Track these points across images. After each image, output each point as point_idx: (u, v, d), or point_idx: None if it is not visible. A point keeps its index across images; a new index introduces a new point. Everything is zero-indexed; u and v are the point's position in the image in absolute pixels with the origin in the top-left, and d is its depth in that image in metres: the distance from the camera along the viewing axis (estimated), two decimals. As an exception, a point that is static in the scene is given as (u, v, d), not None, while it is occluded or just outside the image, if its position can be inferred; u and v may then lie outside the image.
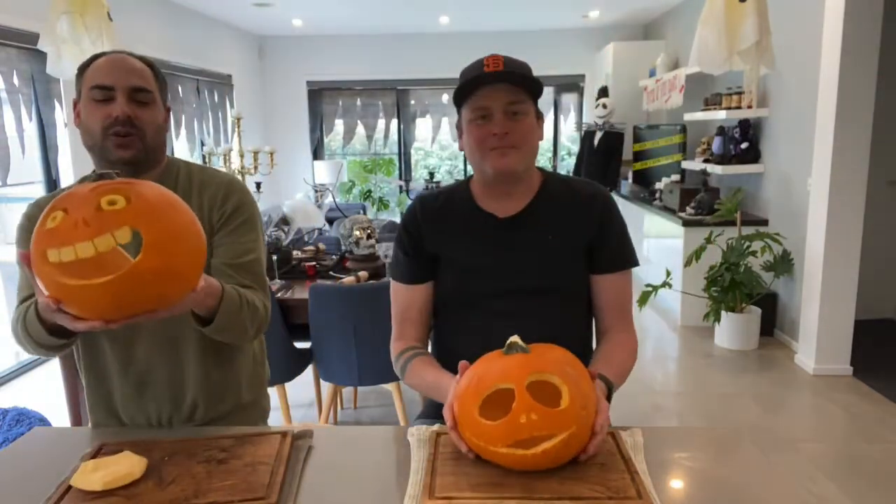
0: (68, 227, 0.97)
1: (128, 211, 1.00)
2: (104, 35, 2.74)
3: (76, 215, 0.97)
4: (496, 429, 0.93)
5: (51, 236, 0.97)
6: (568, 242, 1.34)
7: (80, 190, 1.01)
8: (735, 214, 3.85)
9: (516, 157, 1.26)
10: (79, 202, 0.99)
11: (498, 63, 1.25)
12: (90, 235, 0.96)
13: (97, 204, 0.99)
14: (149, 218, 1.01)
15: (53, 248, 0.96)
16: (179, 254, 1.02)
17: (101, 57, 1.26)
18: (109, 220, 0.97)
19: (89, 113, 1.24)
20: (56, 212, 0.99)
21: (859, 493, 2.32)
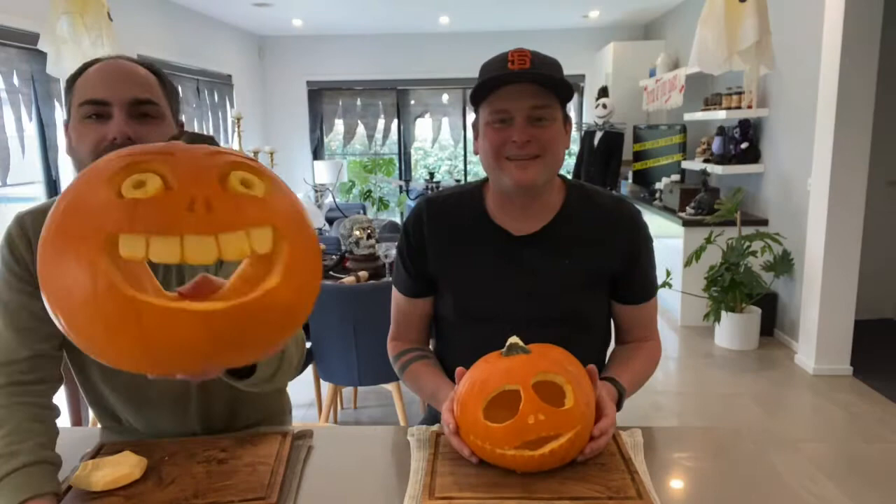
0: (173, 204, 0.65)
1: (270, 203, 0.71)
2: (104, 35, 2.74)
3: (190, 189, 0.66)
4: (503, 430, 0.92)
5: (134, 213, 0.64)
6: (589, 270, 1.21)
7: (182, 148, 0.71)
8: (735, 214, 3.84)
9: (538, 169, 1.11)
10: (189, 168, 0.68)
11: (524, 60, 1.09)
12: (213, 228, 0.65)
13: (223, 179, 0.69)
14: (293, 221, 0.73)
15: (137, 233, 0.64)
16: (314, 280, 0.77)
17: (94, 65, 1.02)
18: (246, 209, 0.68)
19: (80, 136, 0.99)
20: (141, 173, 0.67)
21: (859, 493, 2.32)
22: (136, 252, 0.64)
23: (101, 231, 0.65)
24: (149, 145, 0.74)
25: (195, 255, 0.65)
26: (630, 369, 1.23)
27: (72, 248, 0.65)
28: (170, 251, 0.64)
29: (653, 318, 1.32)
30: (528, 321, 1.19)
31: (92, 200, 0.67)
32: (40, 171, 3.97)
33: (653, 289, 1.28)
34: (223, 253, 0.66)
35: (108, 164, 0.70)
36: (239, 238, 0.67)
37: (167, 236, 0.64)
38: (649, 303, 1.29)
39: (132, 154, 0.71)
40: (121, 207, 0.65)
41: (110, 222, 0.65)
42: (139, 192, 0.66)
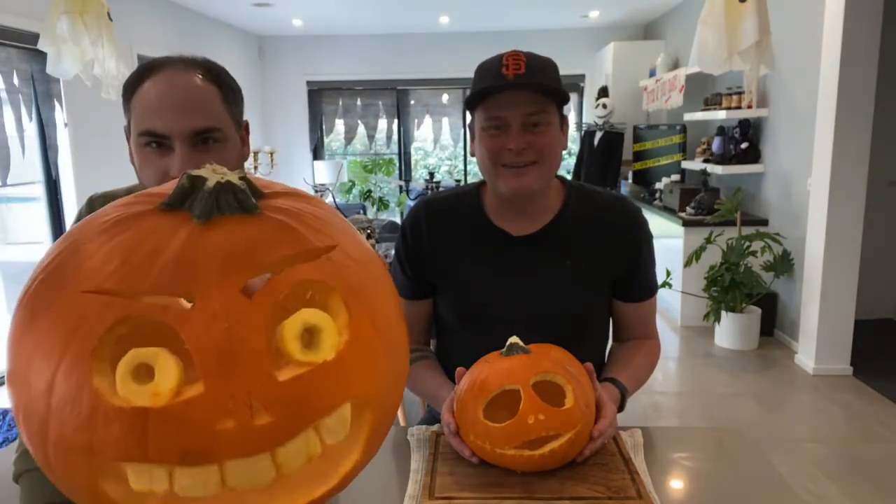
0: (202, 413, 0.45)
1: (346, 359, 0.50)
2: (104, 35, 2.74)
3: (225, 384, 0.45)
4: (503, 430, 0.92)
5: (144, 434, 0.45)
6: (589, 270, 1.20)
7: (205, 291, 0.47)
8: (735, 214, 3.84)
9: (534, 175, 1.10)
10: (220, 338, 0.45)
11: (519, 65, 1.07)
12: (266, 441, 0.47)
13: (277, 337, 0.48)
14: (376, 366, 0.54)
15: (153, 464, 0.46)
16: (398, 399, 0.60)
17: (149, 77, 0.93)
18: (314, 393, 0.48)
19: (142, 161, 0.93)
20: (140, 347, 0.46)
21: (859, 493, 2.32)
22: (154, 486, 0.46)
23: (98, 454, 0.45)
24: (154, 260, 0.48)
25: (242, 483, 0.47)
26: (630, 369, 1.22)
27: (48, 446, 0.47)
28: (204, 484, 0.46)
29: (652, 316, 1.32)
30: (528, 321, 1.18)
31: (70, 385, 0.45)
32: (40, 171, 3.97)
33: (653, 287, 1.28)
34: (283, 469, 0.48)
35: (89, 310, 0.46)
36: (305, 441, 0.48)
37: (199, 466, 0.46)
38: (649, 301, 1.29)
39: (124, 293, 0.47)
40: (121, 423, 0.45)
41: (109, 443, 0.45)
42: (146, 394, 0.45)
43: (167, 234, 0.50)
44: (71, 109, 4.05)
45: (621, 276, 1.24)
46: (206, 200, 0.51)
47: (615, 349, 1.32)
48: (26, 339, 0.48)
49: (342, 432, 0.52)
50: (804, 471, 2.47)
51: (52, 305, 0.48)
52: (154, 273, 0.47)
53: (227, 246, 0.49)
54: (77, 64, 2.72)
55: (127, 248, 0.49)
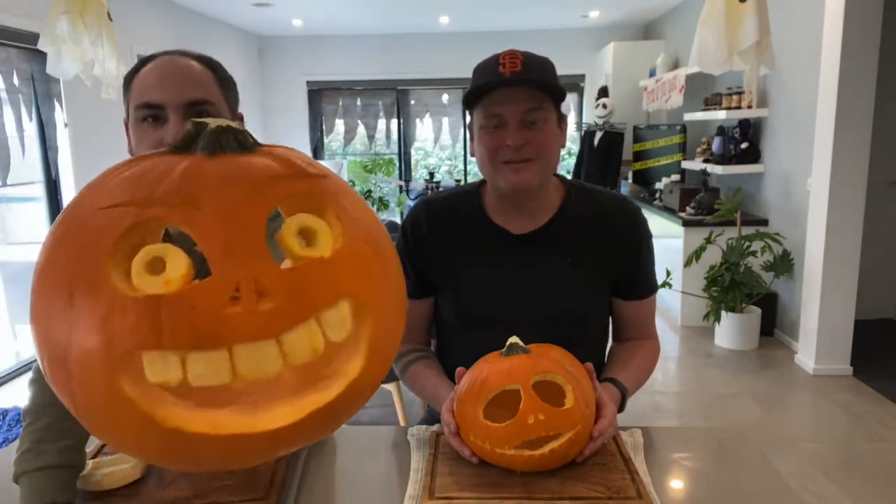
0: (211, 299, 0.47)
1: (343, 258, 0.54)
2: (104, 35, 2.74)
3: (231, 270, 0.48)
4: (503, 430, 0.92)
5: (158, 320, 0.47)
6: (589, 268, 1.20)
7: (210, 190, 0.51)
8: (735, 214, 3.84)
9: (533, 171, 1.11)
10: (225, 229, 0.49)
11: (515, 63, 1.08)
12: (272, 326, 0.49)
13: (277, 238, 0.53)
14: (375, 271, 0.57)
15: (166, 350, 0.48)
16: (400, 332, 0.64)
17: (149, 63, 0.98)
18: (314, 284, 0.51)
19: (138, 139, 0.96)
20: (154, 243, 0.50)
21: (859, 493, 2.32)
22: (168, 376, 0.48)
23: (115, 346, 0.48)
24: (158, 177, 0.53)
25: (251, 369, 0.48)
26: (631, 369, 1.22)
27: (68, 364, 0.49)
28: (217, 371, 0.48)
29: (652, 315, 1.32)
30: (527, 320, 1.18)
31: (89, 286, 0.49)
32: (40, 171, 3.97)
33: (653, 285, 1.28)
34: (289, 358, 0.50)
35: (107, 221, 0.51)
36: (308, 332, 0.50)
37: (210, 350, 0.48)
38: (649, 299, 1.29)
39: (137, 203, 0.51)
40: (136, 311, 0.48)
41: (125, 334, 0.47)
42: (159, 282, 0.48)
43: (175, 162, 0.55)
44: (71, 109, 4.05)
45: (621, 274, 1.24)
46: (209, 138, 0.57)
47: (615, 349, 1.32)
48: (50, 262, 0.52)
49: (343, 330, 0.54)
50: (804, 471, 2.47)
51: (72, 226, 0.53)
52: (163, 185, 0.52)
53: (229, 166, 0.55)
54: (77, 64, 2.72)
55: (139, 174, 0.54)
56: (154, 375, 0.49)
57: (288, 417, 0.52)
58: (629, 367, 1.23)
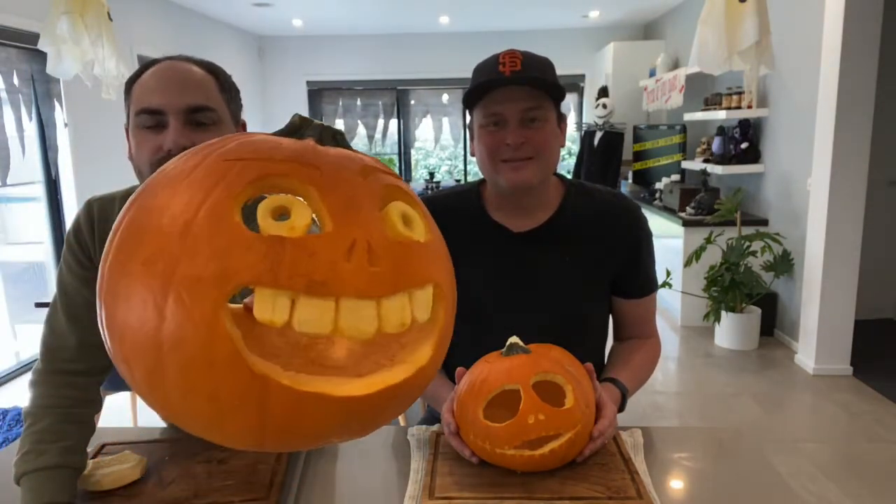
0: (330, 250, 0.50)
1: (432, 250, 0.59)
2: (104, 35, 2.74)
3: (349, 228, 0.52)
4: (503, 430, 0.92)
5: (280, 259, 0.49)
6: (589, 266, 1.21)
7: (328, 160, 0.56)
8: (735, 214, 3.84)
9: (532, 169, 1.12)
10: (344, 193, 0.54)
11: (515, 62, 1.09)
12: (376, 288, 0.52)
13: (383, 212, 0.56)
14: (449, 272, 0.63)
15: (281, 289, 0.49)
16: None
17: (150, 68, 0.98)
18: (411, 261, 0.55)
19: (138, 144, 0.95)
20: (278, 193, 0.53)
21: (859, 493, 2.32)
22: (277, 315, 0.49)
23: (231, 276, 0.48)
24: (280, 144, 0.56)
25: (351, 326, 0.50)
26: (631, 368, 1.22)
27: (168, 288, 0.49)
28: (322, 319, 0.50)
29: (652, 314, 1.32)
30: (527, 320, 1.19)
31: (210, 223, 0.50)
32: (40, 171, 3.97)
33: (653, 284, 1.28)
34: (383, 324, 0.52)
35: (229, 169, 0.53)
36: (402, 304, 0.53)
37: (321, 298, 0.49)
38: (649, 297, 1.29)
39: (263, 158, 0.54)
40: (260, 247, 0.49)
41: (245, 267, 0.48)
42: (284, 227, 0.50)
43: (287, 140, 0.59)
44: (71, 109, 4.05)
45: (621, 272, 1.24)
46: (316, 129, 0.61)
47: (615, 348, 1.32)
48: (166, 190, 0.53)
49: (427, 312, 0.58)
50: (804, 471, 2.47)
51: (195, 169, 0.54)
52: (283, 151, 0.55)
53: (339, 151, 0.59)
54: (77, 64, 2.72)
55: (253, 142, 0.57)
56: (262, 313, 0.50)
57: (360, 389, 0.54)
58: (629, 366, 1.23)
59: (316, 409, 0.52)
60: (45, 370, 1.00)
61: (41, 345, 1.01)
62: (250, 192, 0.53)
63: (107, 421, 1.31)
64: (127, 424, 2.73)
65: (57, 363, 0.99)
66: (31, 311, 3.71)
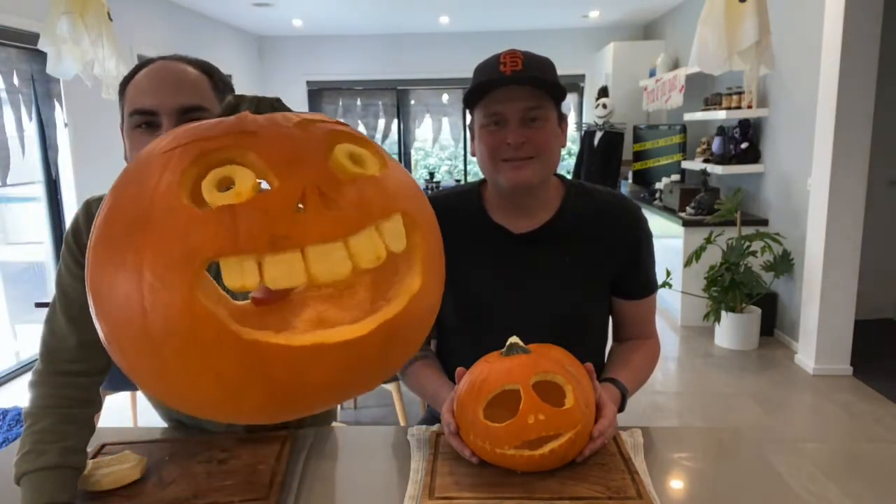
0: (281, 205, 0.51)
1: (391, 182, 0.59)
2: (104, 35, 2.74)
3: (295, 180, 0.52)
4: (503, 430, 0.92)
5: (235, 226, 0.50)
6: (590, 267, 1.21)
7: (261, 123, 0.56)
8: (735, 214, 3.84)
9: (533, 168, 1.11)
10: (283, 149, 0.54)
11: (516, 62, 1.09)
12: (338, 228, 0.52)
13: (329, 157, 0.56)
14: (419, 200, 0.63)
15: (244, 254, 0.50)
16: (443, 269, 0.67)
17: (144, 68, 0.98)
18: (369, 195, 0.55)
19: (132, 145, 0.96)
20: (220, 166, 0.54)
21: (859, 493, 2.32)
22: (247, 279, 0.49)
23: (195, 256, 0.49)
24: (214, 123, 0.58)
25: (324, 270, 0.50)
26: (631, 368, 1.22)
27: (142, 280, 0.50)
28: (292, 271, 0.50)
29: (652, 314, 1.32)
30: (527, 320, 1.19)
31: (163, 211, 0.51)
32: (40, 171, 3.97)
33: (653, 285, 1.28)
34: (357, 261, 0.51)
35: (170, 157, 0.54)
36: (371, 238, 0.53)
37: (285, 251, 0.49)
38: (649, 298, 1.29)
39: (198, 139, 0.55)
40: (212, 220, 0.50)
41: (204, 243, 0.49)
42: (230, 195, 0.51)
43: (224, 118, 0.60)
44: (71, 109, 4.05)
45: (621, 273, 1.24)
46: (252, 101, 0.63)
47: (615, 349, 1.33)
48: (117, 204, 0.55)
49: (401, 241, 0.57)
50: (804, 471, 2.47)
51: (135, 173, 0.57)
52: (220, 126, 0.56)
53: (272, 115, 0.60)
54: (77, 64, 2.72)
55: (191, 127, 0.58)
56: (232, 280, 0.50)
57: (359, 330, 0.54)
58: (629, 366, 1.23)
59: (317, 360, 0.52)
60: (45, 371, 1.00)
61: (41, 345, 1.02)
62: (193, 172, 0.54)
63: (107, 421, 1.31)
64: (127, 424, 2.73)
65: (57, 364, 1.00)
66: (31, 311, 3.71)
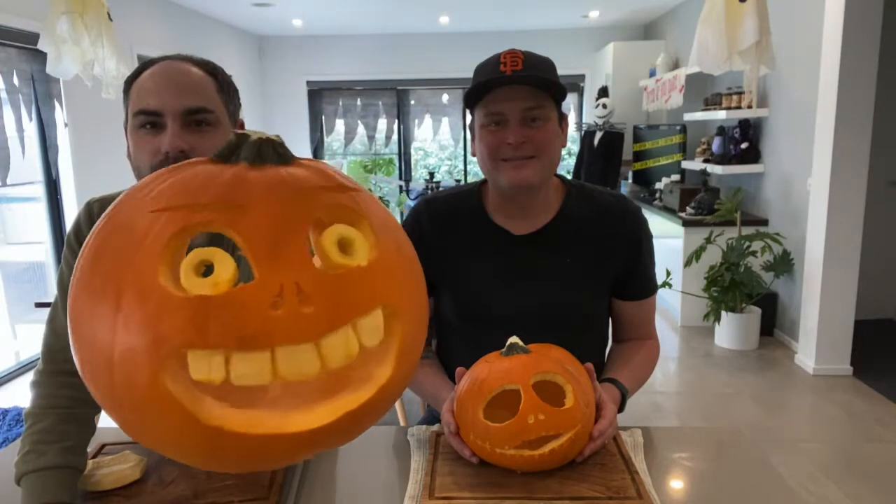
0: (257, 302, 0.50)
1: (378, 269, 0.57)
2: (104, 35, 2.74)
3: (275, 274, 0.51)
4: (503, 430, 0.92)
5: (206, 320, 0.50)
6: (590, 268, 1.21)
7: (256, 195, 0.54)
8: (735, 214, 3.84)
9: (533, 169, 1.11)
10: (270, 233, 0.52)
11: (517, 62, 1.09)
12: (311, 330, 0.52)
13: (318, 240, 0.56)
14: (404, 280, 0.61)
15: (211, 349, 0.50)
16: (423, 336, 0.66)
17: (148, 69, 0.97)
18: (350, 292, 0.54)
19: (136, 146, 0.95)
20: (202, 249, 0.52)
21: (859, 493, 2.32)
22: (212, 375, 0.50)
23: (162, 344, 0.49)
24: (206, 182, 0.56)
25: (291, 371, 0.50)
26: (631, 369, 1.22)
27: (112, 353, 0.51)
28: (259, 371, 0.50)
29: (652, 315, 1.32)
30: (528, 320, 1.18)
31: (140, 285, 0.50)
32: (40, 171, 3.97)
33: (653, 285, 1.28)
34: (326, 362, 0.52)
35: (156, 221, 0.53)
36: (345, 337, 0.52)
37: (254, 351, 0.50)
38: (649, 299, 1.29)
39: (187, 204, 0.53)
40: (185, 310, 0.49)
41: (174, 333, 0.49)
42: (208, 285, 0.50)
43: (219, 171, 0.57)
44: (71, 109, 4.05)
45: (621, 274, 1.24)
46: (252, 148, 0.59)
47: (615, 349, 1.33)
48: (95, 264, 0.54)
49: (377, 337, 0.56)
50: (804, 471, 2.47)
51: (117, 229, 0.55)
52: (211, 191, 0.54)
53: (272, 176, 0.57)
54: (77, 64, 2.72)
55: (184, 181, 0.56)
56: (198, 373, 0.51)
57: (321, 419, 0.54)
58: (629, 367, 1.23)
59: (277, 446, 0.53)
60: (47, 371, 1.00)
61: (43, 345, 1.02)
62: (175, 245, 0.53)
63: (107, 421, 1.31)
64: (127, 424, 2.72)
65: (58, 364, 1.00)
66: (31, 311, 3.71)
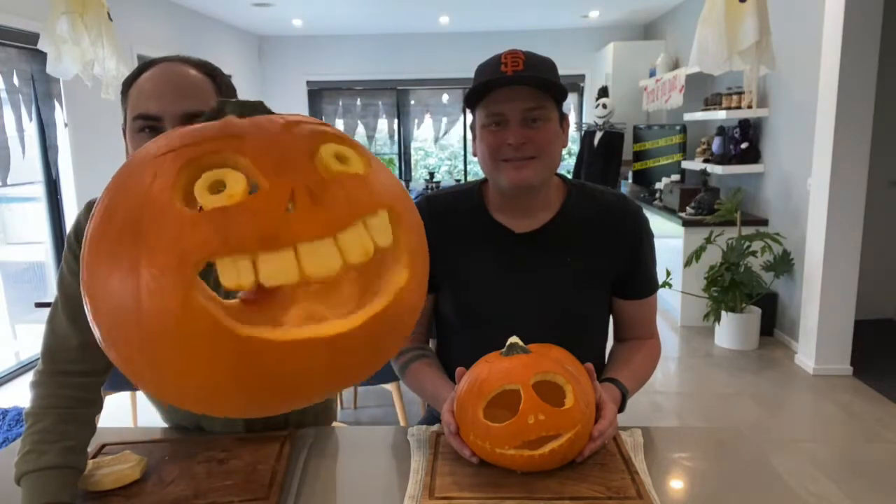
0: (272, 205, 0.53)
1: (375, 180, 0.61)
2: (104, 35, 2.74)
3: (284, 180, 0.54)
4: (503, 430, 0.92)
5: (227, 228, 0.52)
6: (590, 267, 1.21)
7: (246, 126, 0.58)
8: (735, 214, 3.84)
9: (534, 169, 1.11)
10: (270, 151, 0.56)
11: (517, 62, 1.09)
12: (328, 226, 0.54)
13: (313, 158, 0.58)
14: (402, 198, 0.64)
15: (238, 255, 0.52)
16: (427, 266, 0.69)
17: (146, 71, 0.97)
18: (355, 192, 0.57)
19: (134, 148, 0.96)
20: (210, 170, 0.55)
21: (859, 493, 2.32)
22: (243, 278, 0.51)
23: (189, 258, 0.50)
24: (201, 128, 0.59)
25: (316, 266, 0.52)
26: (631, 368, 1.22)
27: (139, 283, 0.51)
28: (286, 269, 0.52)
29: (653, 314, 1.32)
30: (528, 320, 1.19)
31: (157, 214, 0.52)
32: (40, 171, 3.97)
33: (654, 284, 1.28)
34: (346, 256, 0.53)
35: (162, 162, 0.55)
36: (359, 234, 0.55)
37: (278, 250, 0.51)
38: (650, 298, 1.29)
39: (188, 143, 0.56)
40: (205, 223, 0.51)
41: (197, 245, 0.51)
42: (222, 198, 0.52)
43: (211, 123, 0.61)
44: (71, 109, 4.05)
45: (622, 274, 1.24)
46: (235, 106, 0.63)
47: (615, 349, 1.32)
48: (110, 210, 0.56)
49: (387, 236, 0.59)
50: (804, 471, 2.47)
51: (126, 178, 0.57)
52: (208, 131, 0.58)
53: (260, 118, 0.61)
54: (77, 64, 2.72)
55: (182, 131, 0.59)
56: (229, 280, 0.52)
57: (350, 323, 0.56)
58: (630, 367, 1.23)
59: (310, 354, 0.54)
60: (47, 371, 1.00)
61: (43, 345, 1.02)
62: (185, 175, 0.55)
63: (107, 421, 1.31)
64: (127, 424, 2.73)
65: (58, 364, 1.00)
66: (31, 311, 3.71)
